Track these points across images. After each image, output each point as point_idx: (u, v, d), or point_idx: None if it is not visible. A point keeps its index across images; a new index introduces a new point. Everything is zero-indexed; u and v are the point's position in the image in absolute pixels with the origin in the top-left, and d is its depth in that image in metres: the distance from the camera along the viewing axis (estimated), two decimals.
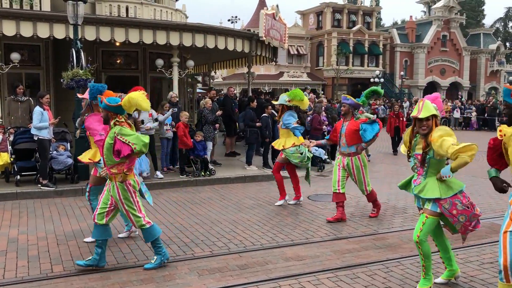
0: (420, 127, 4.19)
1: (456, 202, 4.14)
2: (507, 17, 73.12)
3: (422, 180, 4.29)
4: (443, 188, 4.14)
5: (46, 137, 8.59)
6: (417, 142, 4.31)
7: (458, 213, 4.14)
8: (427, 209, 4.25)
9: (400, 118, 15.36)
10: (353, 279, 4.65)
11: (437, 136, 4.01)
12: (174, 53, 12.75)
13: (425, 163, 4.24)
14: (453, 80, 47.14)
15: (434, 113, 4.15)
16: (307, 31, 45.14)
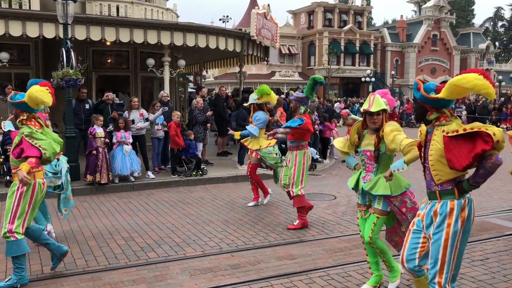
0: (370, 121, 4.12)
1: (405, 199, 4.11)
2: (496, 17, 73.76)
3: (373, 177, 4.20)
4: (393, 185, 4.08)
5: None
6: (365, 137, 4.25)
7: (407, 211, 4.10)
8: (377, 208, 4.19)
9: (394, 118, 15.17)
10: (345, 278, 4.66)
11: (389, 131, 3.94)
12: (165, 53, 12.70)
13: (378, 159, 4.16)
14: (444, 79, 47.34)
15: (385, 107, 4.09)
16: (298, 30, 45.23)
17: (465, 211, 3.19)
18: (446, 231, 3.17)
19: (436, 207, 3.25)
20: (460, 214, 3.17)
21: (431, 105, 3.20)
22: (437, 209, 3.23)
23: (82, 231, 6.36)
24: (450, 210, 3.18)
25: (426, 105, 3.23)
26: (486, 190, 8.96)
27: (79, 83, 9.04)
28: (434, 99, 3.15)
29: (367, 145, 4.21)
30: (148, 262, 5.17)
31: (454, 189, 3.19)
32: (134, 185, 9.24)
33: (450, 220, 3.17)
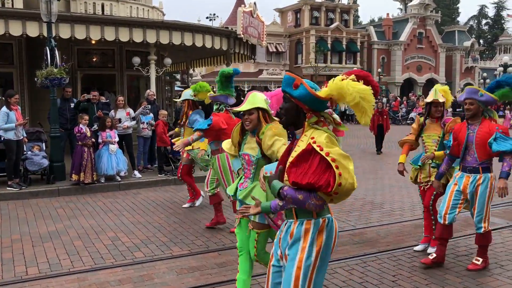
0: (244, 121, 3.70)
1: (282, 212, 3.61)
2: (480, 15, 74.64)
3: (249, 184, 3.74)
4: (270, 193, 3.46)
5: (12, 138, 8.39)
6: (247, 140, 3.83)
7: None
8: (254, 221, 3.66)
9: (384, 116, 14.89)
10: (331, 275, 4.68)
11: (270, 134, 3.46)
12: (151, 51, 12.64)
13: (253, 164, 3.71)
14: (429, 76, 47.93)
15: (259, 106, 3.63)
16: (285, 28, 45.28)
17: (323, 234, 2.63)
18: (299, 257, 2.60)
19: (293, 227, 2.68)
20: (318, 237, 2.61)
21: (311, 106, 2.60)
22: (294, 229, 2.67)
23: (68, 231, 6.30)
24: (305, 230, 2.63)
25: (304, 106, 2.62)
26: None
27: (64, 82, 8.95)
28: (320, 99, 2.58)
29: (247, 148, 3.78)
30: (135, 262, 5.14)
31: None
32: (120, 185, 9.18)
33: (305, 243, 2.61)
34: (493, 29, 71.94)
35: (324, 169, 2.43)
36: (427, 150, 5.27)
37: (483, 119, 4.63)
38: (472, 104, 4.59)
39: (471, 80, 51.10)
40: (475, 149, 4.59)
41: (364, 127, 6.21)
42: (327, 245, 2.63)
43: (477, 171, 4.64)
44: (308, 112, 2.63)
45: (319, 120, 2.63)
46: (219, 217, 6.43)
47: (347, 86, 2.51)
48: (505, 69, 28.82)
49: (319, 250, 2.60)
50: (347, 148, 15.06)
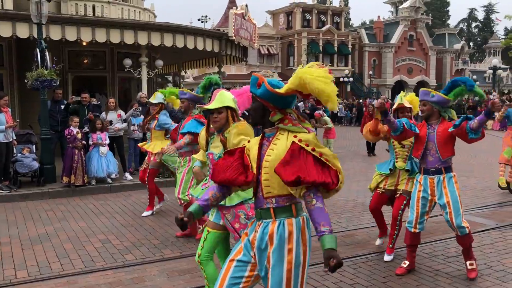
0: (211, 120, 3.64)
1: (239, 213, 3.46)
2: (470, 18, 75.42)
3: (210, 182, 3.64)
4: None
5: (1, 140, 8.31)
6: (214, 139, 3.76)
7: (240, 228, 3.43)
8: (210, 220, 3.59)
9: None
10: (322, 276, 4.69)
11: (235, 133, 3.40)
12: (143, 53, 12.61)
13: None
14: (420, 79, 48.28)
15: (228, 105, 3.58)
16: (277, 31, 45.40)
17: (305, 232, 2.60)
18: (288, 259, 2.53)
19: (270, 227, 2.59)
20: (302, 236, 2.58)
21: (274, 103, 2.60)
22: (273, 230, 2.58)
23: (58, 234, 6.26)
24: (288, 232, 2.55)
25: (268, 104, 2.62)
26: (461, 188, 9.10)
27: (54, 84, 8.90)
28: (280, 95, 2.57)
29: (212, 147, 3.74)
30: (125, 265, 5.12)
31: (292, 205, 2.60)
32: (111, 187, 9.13)
33: (291, 244, 2.54)
34: (482, 32, 72.69)
35: (322, 168, 2.47)
36: (398, 156, 5.22)
37: (442, 119, 4.64)
38: (424, 105, 4.63)
39: None
40: (437, 147, 4.56)
41: (356, 129, 6.20)
42: (309, 243, 2.62)
43: (439, 171, 4.61)
44: (273, 110, 2.61)
45: (285, 117, 2.61)
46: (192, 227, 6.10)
47: (303, 75, 2.48)
48: (494, 72, 29.08)
49: (306, 250, 2.57)
50: (338, 150, 15.13)
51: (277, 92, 2.54)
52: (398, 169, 5.20)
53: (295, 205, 2.61)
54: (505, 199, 8.27)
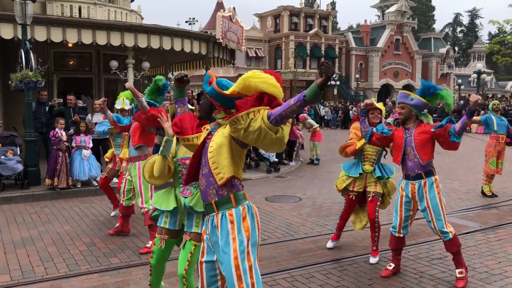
0: None
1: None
2: (455, 23, 76.44)
3: (194, 191, 3.54)
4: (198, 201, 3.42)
5: None
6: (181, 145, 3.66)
7: None
8: (196, 232, 3.47)
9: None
10: (308, 279, 4.71)
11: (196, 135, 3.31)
12: (129, 55, 12.55)
13: None
14: (406, 82, 48.71)
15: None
16: (265, 34, 45.51)
17: (247, 219, 2.75)
18: (233, 247, 2.69)
19: (216, 220, 2.78)
20: (243, 223, 2.74)
21: (220, 102, 2.73)
22: (218, 222, 2.77)
23: (42, 237, 6.18)
24: (230, 222, 2.72)
25: (215, 102, 2.77)
26: (445, 191, 9.20)
27: (39, 86, 8.79)
28: (224, 96, 2.68)
29: (186, 152, 3.57)
30: (111, 268, 5.07)
31: (231, 195, 2.76)
32: (96, 190, 9.03)
33: (234, 234, 2.71)
34: (467, 37, 73.73)
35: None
36: (366, 159, 5.26)
37: (419, 123, 4.58)
38: (403, 108, 4.59)
39: (447, 86, 52.08)
40: (416, 151, 4.50)
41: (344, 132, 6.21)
42: (252, 228, 2.76)
43: (420, 176, 4.53)
44: (218, 108, 2.79)
45: (229, 116, 2.66)
46: (125, 227, 6.21)
47: (249, 79, 2.59)
48: (478, 76, 29.48)
49: (248, 236, 2.72)
50: (325, 153, 15.19)
51: (223, 93, 2.67)
52: (365, 172, 5.25)
53: (234, 195, 2.77)
54: (489, 201, 8.38)
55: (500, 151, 8.72)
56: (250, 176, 10.97)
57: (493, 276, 4.77)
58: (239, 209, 2.75)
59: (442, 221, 4.47)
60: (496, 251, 5.55)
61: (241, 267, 2.66)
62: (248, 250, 2.70)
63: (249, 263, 2.69)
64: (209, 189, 2.78)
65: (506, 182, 10.12)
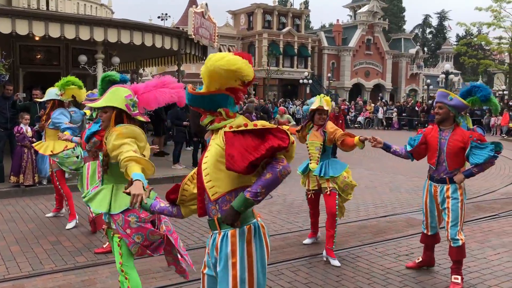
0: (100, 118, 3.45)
1: (129, 218, 3.27)
2: (424, 24, 78.07)
3: (100, 186, 3.48)
4: (116, 200, 3.31)
5: None
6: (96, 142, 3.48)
7: (132, 232, 3.28)
8: (113, 228, 3.40)
9: (339, 121, 14.02)
10: (277, 276, 4.72)
11: (117, 135, 3.11)
12: (99, 49, 12.30)
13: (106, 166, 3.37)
14: (377, 82, 49.51)
15: (113, 104, 3.28)
16: (238, 31, 45.39)
17: (252, 243, 2.43)
18: (232, 274, 2.40)
19: (217, 239, 2.50)
20: (247, 248, 2.42)
21: (203, 106, 2.50)
22: (218, 242, 2.49)
23: (4, 236, 5.99)
24: (232, 244, 2.42)
25: (199, 109, 2.52)
26: (412, 188, 9.45)
27: (3, 79, 8.54)
28: (204, 96, 2.46)
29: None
30: (76, 267, 4.96)
31: None
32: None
33: (235, 258, 2.40)
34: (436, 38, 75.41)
35: (264, 137, 2.33)
36: (311, 157, 5.34)
37: (455, 126, 4.35)
38: (441, 108, 4.33)
39: (416, 86, 53.28)
40: (446, 158, 4.33)
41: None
42: (261, 255, 2.45)
43: (444, 181, 4.41)
44: (203, 114, 2.52)
45: (215, 119, 2.49)
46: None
47: (211, 66, 2.34)
48: (447, 76, 30.22)
49: (252, 262, 2.40)
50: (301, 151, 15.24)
51: (198, 92, 2.46)
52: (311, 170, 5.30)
53: None
54: None
55: None
56: None
57: None
58: (243, 230, 2.42)
59: (457, 228, 4.36)
60: None
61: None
62: (252, 280, 2.39)
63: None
64: (211, 204, 2.50)
65: (470, 180, 10.37)
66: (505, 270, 4.92)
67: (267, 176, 2.28)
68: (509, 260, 5.25)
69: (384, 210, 7.64)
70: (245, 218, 2.42)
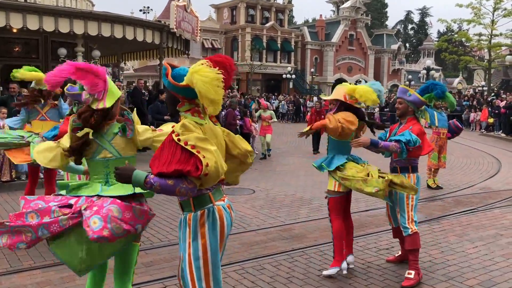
0: None
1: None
2: (406, 20, 78.82)
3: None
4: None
5: None
6: None
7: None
8: None
9: (321, 116, 13.69)
10: (259, 270, 4.72)
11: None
12: (79, 42, 12.11)
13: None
14: (359, 77, 49.74)
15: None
16: (221, 25, 45.17)
17: (205, 226, 2.66)
18: (188, 252, 2.67)
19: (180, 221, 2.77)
20: (200, 230, 2.66)
21: (180, 94, 2.62)
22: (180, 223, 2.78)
23: None
24: (188, 226, 2.68)
25: (176, 94, 2.66)
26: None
27: None
28: (182, 87, 2.57)
29: None
30: (55, 263, 4.86)
31: (190, 199, 2.66)
32: (42, 182, 8.68)
33: (190, 238, 2.67)
34: (418, 34, 76.23)
35: (189, 156, 2.45)
36: None
37: (409, 120, 4.61)
38: (401, 103, 4.66)
39: (398, 81, 53.78)
40: None
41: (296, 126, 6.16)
42: (213, 236, 2.67)
43: (395, 170, 4.61)
44: (182, 101, 2.65)
45: (194, 108, 2.63)
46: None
47: (192, 75, 2.50)
48: (428, 72, 30.54)
49: (205, 243, 2.64)
50: (281, 146, 15.34)
51: (178, 85, 2.56)
52: None
53: (193, 200, 2.65)
54: (434, 193, 8.72)
55: (441, 145, 9.04)
56: None
57: (436, 265, 4.96)
58: (196, 214, 2.66)
59: (405, 218, 4.48)
60: (440, 241, 5.77)
61: (195, 274, 2.65)
62: (206, 258, 2.65)
63: (205, 270, 2.65)
64: None
65: (450, 174, 10.56)
66: (482, 263, 5.00)
67: (169, 182, 2.46)
68: (487, 253, 5.34)
69: (365, 204, 7.70)
70: (200, 203, 2.66)
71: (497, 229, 6.34)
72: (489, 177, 10.46)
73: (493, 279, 4.57)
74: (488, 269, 4.83)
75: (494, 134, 21.38)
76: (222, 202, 2.78)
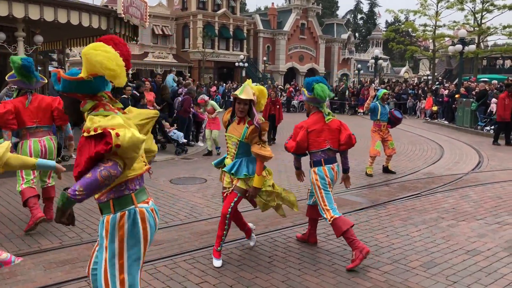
0: None
1: None
2: (356, 10, 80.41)
3: None
4: None
5: None
6: None
7: None
8: None
9: (276, 106, 13.86)
10: (209, 259, 4.70)
11: None
12: (19, 27, 11.47)
13: None
14: (310, 66, 50.47)
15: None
16: (172, 11, 44.26)
17: (124, 228, 2.55)
18: (104, 257, 2.59)
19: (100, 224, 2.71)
20: (118, 233, 2.56)
21: (80, 91, 2.47)
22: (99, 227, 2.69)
23: None
24: (105, 229, 2.58)
25: (76, 95, 2.49)
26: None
27: None
28: (80, 80, 2.41)
29: None
30: None
31: (110, 201, 2.58)
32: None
33: (107, 242, 2.58)
34: (367, 24, 78.05)
35: (100, 139, 2.33)
36: (228, 152, 4.72)
37: (311, 115, 5.03)
38: (305, 104, 5.32)
39: (347, 70, 54.95)
40: None
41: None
42: (132, 239, 2.56)
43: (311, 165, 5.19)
44: (83, 100, 2.50)
45: (99, 103, 2.50)
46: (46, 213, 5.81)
47: (86, 52, 2.39)
48: (376, 61, 31.36)
49: (122, 246, 2.55)
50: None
51: (76, 78, 2.41)
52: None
53: (113, 201, 2.56)
54: (380, 179, 9.00)
55: (383, 136, 9.41)
56: (156, 158, 10.68)
57: (381, 248, 5.13)
58: (115, 217, 2.55)
59: (321, 209, 4.88)
60: (385, 226, 5.97)
61: (110, 280, 2.54)
62: (122, 263, 2.55)
63: (120, 277, 2.55)
64: None
65: (396, 161, 10.93)
66: (425, 246, 5.23)
67: (87, 176, 2.31)
68: (429, 236, 5.58)
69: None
70: (120, 205, 2.55)
71: (438, 212, 6.63)
72: (433, 163, 10.92)
73: (434, 260, 4.79)
74: (430, 251, 5.06)
75: (437, 122, 22.31)
76: (146, 204, 2.66)
